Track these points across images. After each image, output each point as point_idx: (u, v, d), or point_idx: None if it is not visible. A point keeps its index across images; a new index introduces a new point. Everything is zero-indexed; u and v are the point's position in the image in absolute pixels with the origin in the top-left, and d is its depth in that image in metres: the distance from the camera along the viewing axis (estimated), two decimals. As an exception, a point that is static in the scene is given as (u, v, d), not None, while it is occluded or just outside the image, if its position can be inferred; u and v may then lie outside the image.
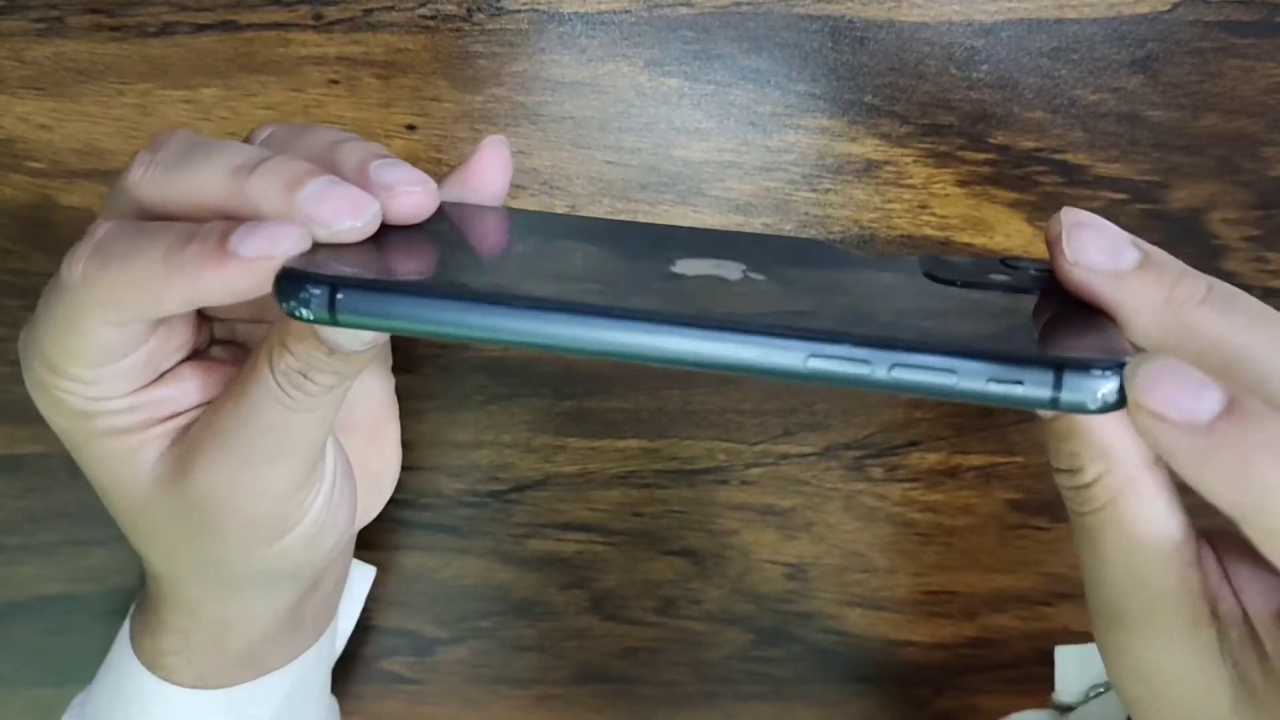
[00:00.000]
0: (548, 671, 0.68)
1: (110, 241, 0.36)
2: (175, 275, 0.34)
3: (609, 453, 0.62)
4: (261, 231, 0.34)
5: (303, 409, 0.38)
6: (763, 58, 0.53)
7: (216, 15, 0.52)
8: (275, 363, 0.37)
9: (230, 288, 0.34)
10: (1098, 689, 0.56)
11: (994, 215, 0.55)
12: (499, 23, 0.52)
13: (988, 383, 0.28)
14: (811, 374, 0.29)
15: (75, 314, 0.37)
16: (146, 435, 0.40)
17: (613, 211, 0.56)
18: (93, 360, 0.38)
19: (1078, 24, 0.52)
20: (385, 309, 0.32)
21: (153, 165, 0.37)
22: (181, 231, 0.35)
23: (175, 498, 0.40)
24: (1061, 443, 0.35)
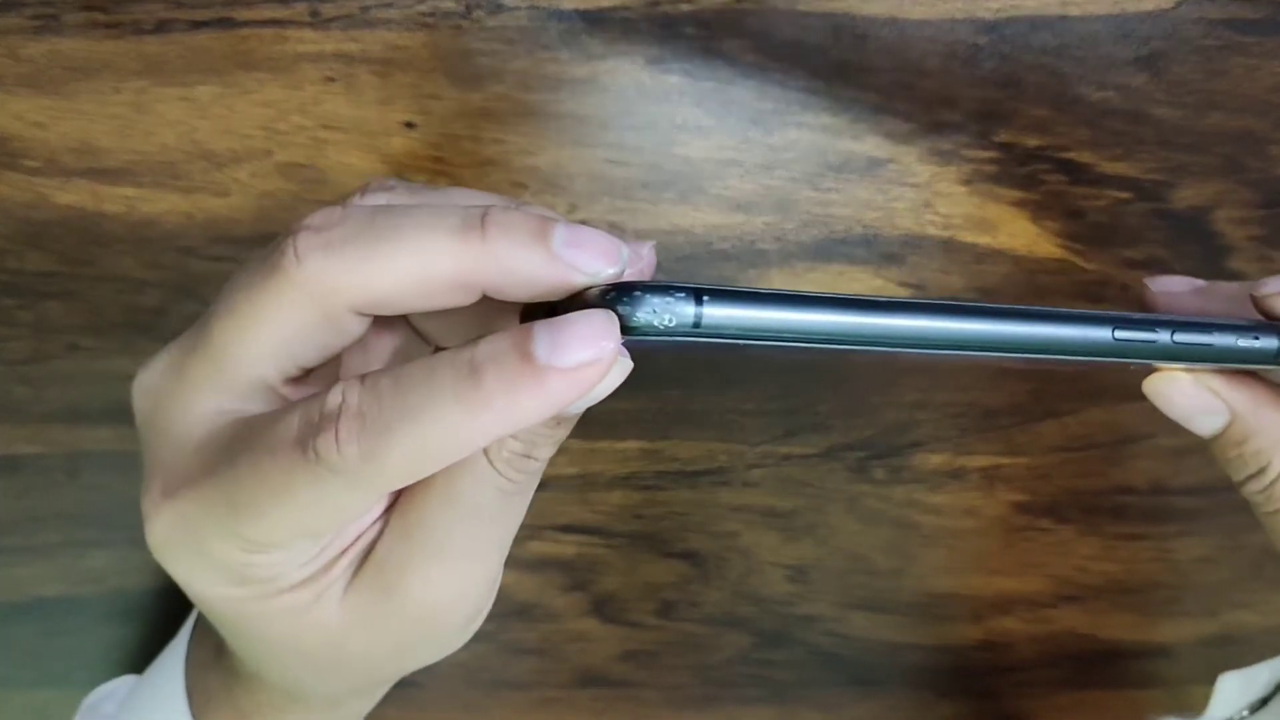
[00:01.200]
0: (548, 674, 0.68)
1: (374, 406, 0.31)
2: (481, 416, 0.30)
3: (609, 454, 0.62)
4: (574, 330, 0.30)
5: (521, 491, 0.36)
6: (764, 55, 0.53)
7: (213, 12, 0.52)
8: (495, 451, 0.34)
9: (553, 407, 0.30)
10: (1242, 711, 0.56)
11: (998, 214, 0.55)
12: (498, 20, 0.52)
13: (1238, 342, 0.37)
14: (1114, 348, 0.36)
15: (344, 496, 0.32)
16: (331, 575, 0.36)
17: (613, 210, 0.55)
18: (332, 530, 0.35)
19: (1082, 21, 0.52)
20: (755, 311, 0.32)
21: (335, 246, 0.32)
22: (459, 364, 0.31)
23: (383, 624, 0.37)
24: (1243, 446, 0.38)
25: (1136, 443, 0.62)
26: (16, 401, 0.60)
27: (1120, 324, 0.36)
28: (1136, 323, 0.36)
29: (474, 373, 0.30)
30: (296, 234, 0.32)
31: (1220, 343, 0.37)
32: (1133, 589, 0.66)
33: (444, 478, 0.34)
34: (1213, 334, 0.37)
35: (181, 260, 0.56)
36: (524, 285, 0.32)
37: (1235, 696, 0.56)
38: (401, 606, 0.36)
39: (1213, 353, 0.37)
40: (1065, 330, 0.36)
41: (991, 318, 0.35)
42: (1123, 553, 0.65)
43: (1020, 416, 0.61)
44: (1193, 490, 0.63)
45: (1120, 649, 0.68)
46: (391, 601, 0.36)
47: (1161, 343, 0.36)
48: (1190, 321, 0.37)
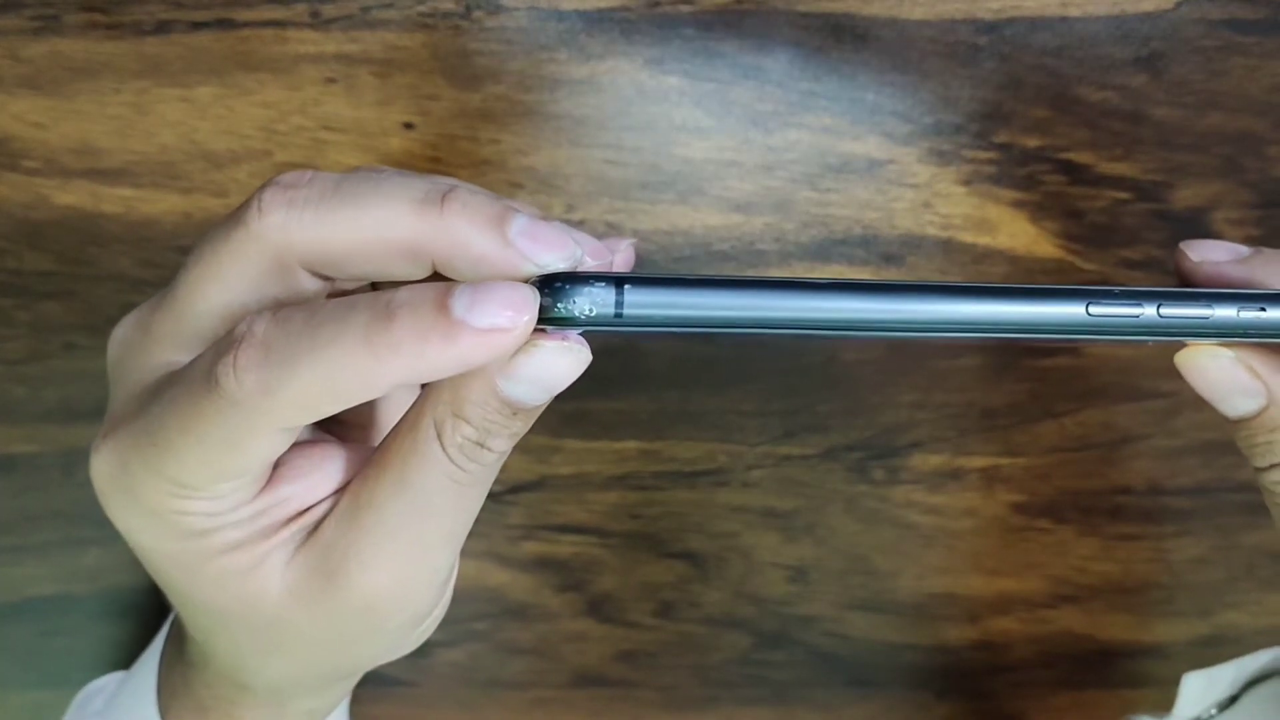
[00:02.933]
0: (544, 675, 0.68)
1: (281, 337, 0.31)
2: (386, 358, 0.30)
3: (606, 454, 0.62)
4: (494, 295, 0.30)
5: (475, 483, 0.35)
6: (764, 55, 0.53)
7: (213, 13, 0.52)
8: (449, 436, 0.33)
9: (461, 362, 0.30)
10: (1210, 710, 0.55)
11: (997, 214, 0.55)
12: (498, 20, 0.52)
13: (1239, 313, 0.34)
14: (1089, 325, 0.33)
15: (243, 428, 0.32)
16: (271, 543, 0.35)
17: (611, 210, 0.55)
18: (247, 472, 0.34)
19: (1081, 22, 0.52)
20: (679, 298, 0.31)
21: (298, 203, 0.33)
22: (376, 305, 0.31)
23: (324, 606, 0.36)
24: (1273, 434, 0.36)
25: (1134, 443, 0.62)
26: (13, 401, 0.60)
27: (1097, 298, 0.33)
28: (1116, 296, 0.33)
29: (388, 315, 0.30)
30: (264, 190, 0.33)
31: (1220, 316, 0.34)
32: (1129, 589, 0.66)
33: (396, 461, 0.34)
34: (1210, 305, 0.34)
35: (180, 260, 0.56)
36: (473, 264, 0.32)
37: (1199, 695, 0.56)
38: (343, 590, 0.36)
39: (1210, 327, 0.34)
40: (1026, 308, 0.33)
41: (939, 296, 0.33)
42: (1120, 553, 0.65)
43: (1018, 417, 0.61)
44: (1189, 491, 0.63)
45: (1117, 649, 0.68)
46: (333, 584, 0.36)
47: (1146, 318, 0.33)
48: (1180, 292, 0.34)
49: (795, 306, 0.32)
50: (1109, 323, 0.33)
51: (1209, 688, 0.56)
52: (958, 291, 0.33)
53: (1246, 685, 0.55)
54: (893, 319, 0.32)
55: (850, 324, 0.32)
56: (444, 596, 0.39)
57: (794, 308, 0.32)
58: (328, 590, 0.36)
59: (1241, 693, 0.55)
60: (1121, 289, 0.33)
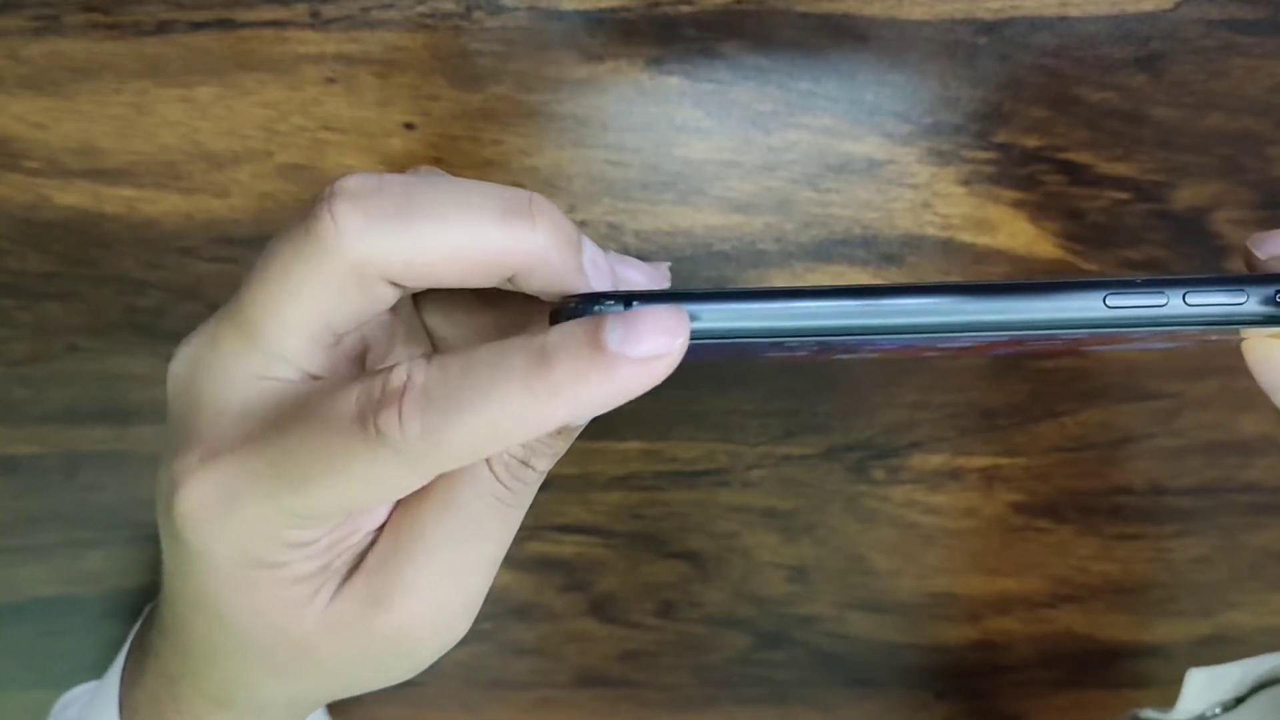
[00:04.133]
0: (547, 674, 0.68)
1: (440, 385, 0.31)
2: (548, 402, 0.30)
3: (609, 454, 0.62)
4: (647, 323, 0.30)
5: (518, 503, 0.35)
6: (764, 56, 0.53)
7: (213, 13, 0.52)
8: (496, 456, 0.34)
9: (622, 395, 0.30)
10: (1214, 709, 0.55)
11: (997, 214, 0.55)
12: (498, 20, 0.52)
13: (1277, 296, 0.31)
14: (1108, 319, 0.31)
15: (402, 474, 0.31)
16: (326, 576, 0.35)
17: (612, 211, 0.55)
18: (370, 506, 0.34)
19: (1081, 22, 0.52)
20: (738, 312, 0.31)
21: (375, 216, 0.32)
22: (530, 349, 0.30)
23: (358, 635, 0.35)
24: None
25: (1134, 443, 0.62)
26: (15, 402, 0.60)
27: (1115, 289, 0.31)
28: (1137, 285, 0.31)
29: (545, 359, 0.30)
30: (333, 200, 0.32)
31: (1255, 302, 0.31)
32: (1129, 589, 0.66)
33: (441, 484, 0.34)
34: (1243, 290, 0.31)
35: (181, 261, 0.56)
36: (551, 281, 0.32)
37: (1203, 693, 0.56)
38: (383, 617, 0.35)
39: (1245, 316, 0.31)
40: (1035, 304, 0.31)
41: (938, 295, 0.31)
42: (1120, 553, 0.65)
43: (1019, 417, 0.61)
44: (1190, 491, 0.63)
45: (1117, 649, 0.68)
46: (374, 611, 0.35)
47: (1172, 309, 0.31)
48: (1208, 278, 0.31)
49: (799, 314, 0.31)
50: (1130, 316, 0.31)
51: (1213, 686, 0.55)
52: (959, 290, 0.31)
53: (1254, 689, 0.55)
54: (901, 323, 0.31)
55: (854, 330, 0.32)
56: (474, 617, 0.38)
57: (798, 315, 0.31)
58: (368, 618, 0.35)
59: (1248, 695, 0.54)
60: (1144, 278, 0.31)
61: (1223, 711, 0.55)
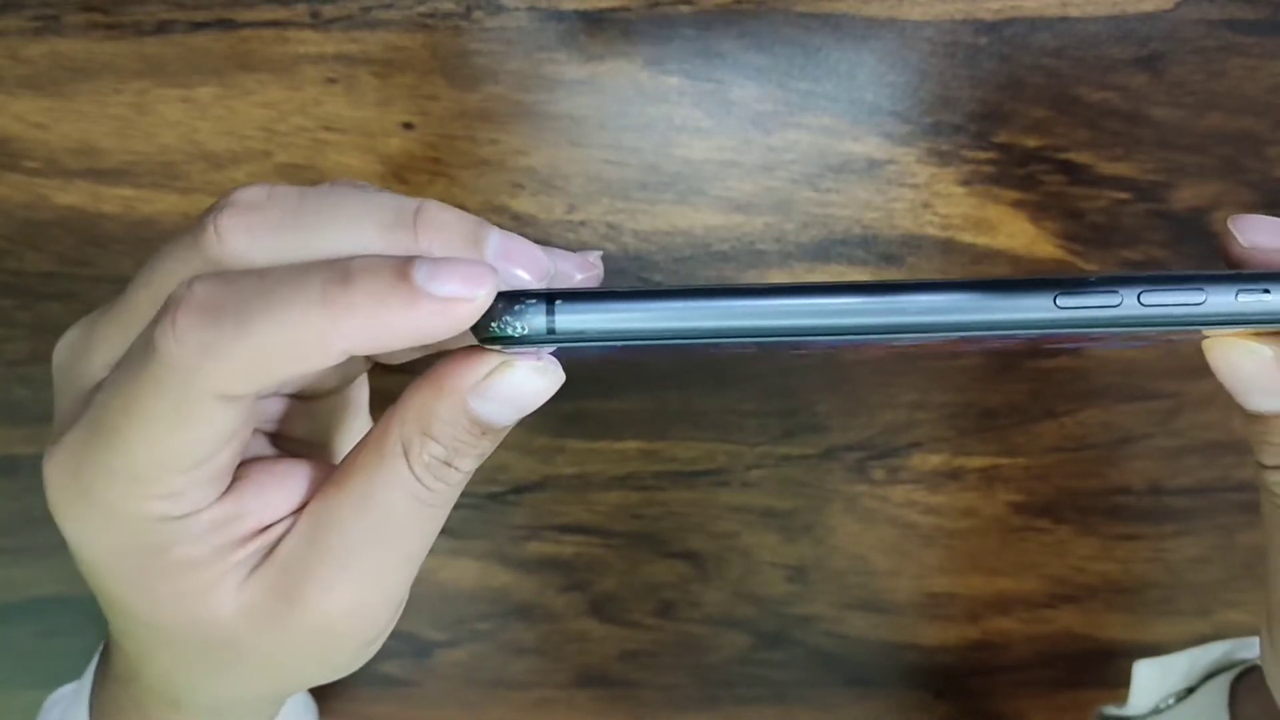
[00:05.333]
0: (547, 674, 0.68)
1: (222, 296, 0.30)
2: (343, 320, 0.29)
3: (608, 454, 0.62)
4: (455, 268, 0.29)
5: (439, 503, 0.34)
6: (764, 56, 0.53)
7: (213, 13, 0.52)
8: (416, 454, 0.32)
9: (417, 330, 0.29)
10: (1168, 700, 0.55)
11: (997, 214, 0.55)
12: (498, 20, 0.52)
13: (1237, 296, 0.30)
14: (1059, 320, 0.30)
15: (186, 397, 0.30)
16: (229, 562, 0.34)
17: (611, 211, 0.55)
18: (198, 455, 0.32)
19: (1081, 22, 0.52)
20: (614, 313, 0.30)
21: (258, 229, 0.31)
22: (333, 268, 0.29)
23: (278, 627, 0.34)
24: None
25: (1133, 443, 0.62)
26: (15, 402, 0.60)
27: (1067, 288, 0.29)
28: (1090, 284, 0.29)
29: (346, 277, 0.29)
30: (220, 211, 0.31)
31: (1216, 302, 0.30)
32: (1128, 589, 0.66)
33: (360, 480, 0.33)
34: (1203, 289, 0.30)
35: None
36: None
37: (1154, 684, 0.56)
38: (300, 612, 0.34)
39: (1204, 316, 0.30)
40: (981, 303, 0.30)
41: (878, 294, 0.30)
42: (1119, 553, 0.65)
43: (1018, 417, 0.61)
44: (1188, 491, 0.63)
45: (1116, 649, 0.68)
46: (289, 605, 0.34)
47: (1126, 309, 0.29)
48: (1165, 275, 0.30)
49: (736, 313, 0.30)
50: (1083, 316, 0.30)
51: (1163, 677, 0.55)
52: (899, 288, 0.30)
53: (1204, 678, 0.55)
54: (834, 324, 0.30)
55: (792, 330, 0.30)
56: (397, 616, 0.38)
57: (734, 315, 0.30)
58: (284, 612, 0.34)
59: (1199, 684, 0.55)
60: (1096, 275, 0.30)
61: (1176, 702, 0.55)
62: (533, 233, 0.55)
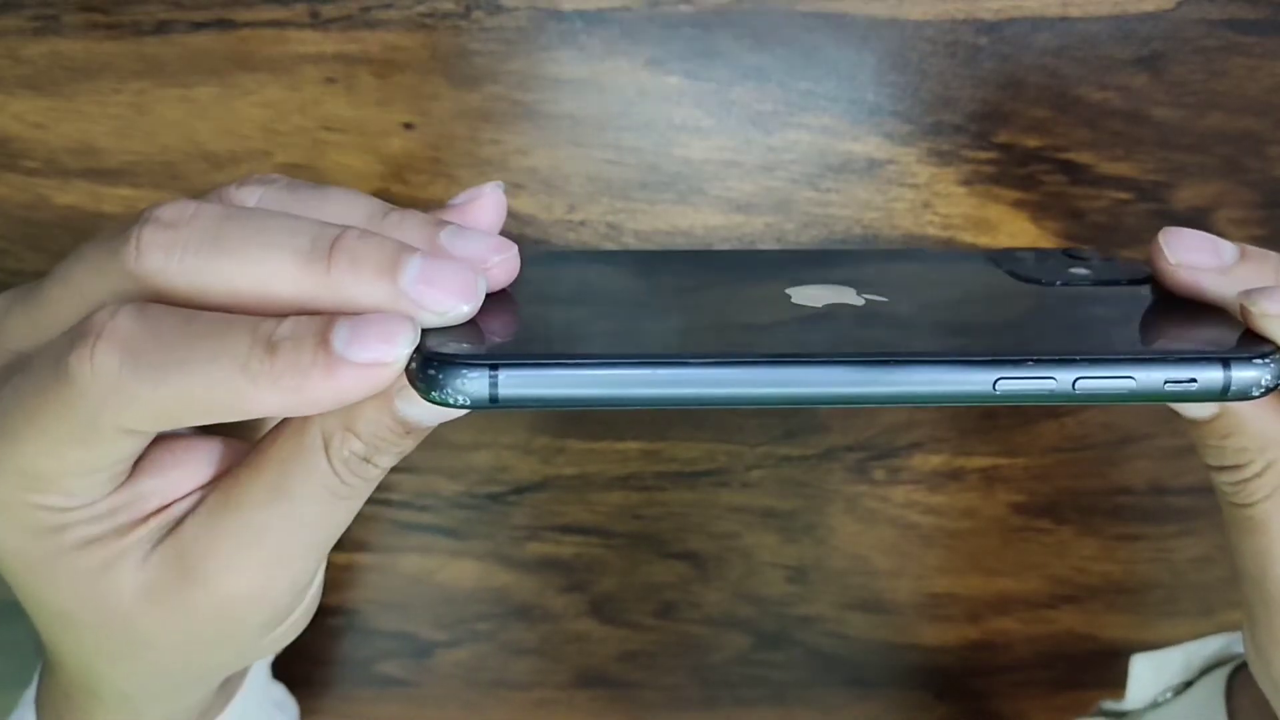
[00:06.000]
0: (547, 675, 0.68)
1: (144, 338, 0.30)
2: (264, 389, 0.29)
3: (608, 455, 0.61)
4: (371, 329, 0.29)
5: (353, 496, 0.34)
6: (764, 55, 0.53)
7: (212, 13, 0.52)
8: (336, 449, 0.32)
9: (340, 398, 0.29)
10: (1165, 694, 0.55)
11: (998, 214, 0.55)
12: (497, 20, 0.52)
13: (1164, 385, 0.31)
14: (997, 398, 0.31)
15: (92, 425, 0.30)
16: (128, 540, 0.33)
17: (611, 210, 0.55)
18: (98, 470, 0.32)
19: (1082, 22, 0.52)
20: (557, 381, 0.30)
21: (177, 247, 0.31)
22: (258, 333, 0.29)
23: (177, 606, 0.34)
24: (1225, 440, 0.35)
25: (1134, 443, 0.62)
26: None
27: (1007, 369, 0.30)
28: (1029, 365, 0.30)
29: (270, 348, 0.29)
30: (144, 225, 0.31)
31: (1144, 387, 0.31)
32: (1130, 589, 0.66)
33: (273, 467, 0.33)
34: (1130, 374, 0.31)
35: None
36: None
37: (1151, 678, 0.56)
38: (200, 591, 0.34)
39: (1134, 396, 0.31)
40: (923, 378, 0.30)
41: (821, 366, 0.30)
42: (1120, 553, 0.65)
43: (1019, 417, 0.61)
44: (1190, 490, 0.63)
45: (1118, 649, 0.67)
46: (189, 583, 0.34)
47: (1061, 391, 0.31)
48: (1100, 359, 0.31)
49: (677, 381, 0.30)
50: (1021, 393, 0.31)
51: (1160, 671, 0.56)
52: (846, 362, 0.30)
53: (1201, 672, 0.55)
54: (777, 394, 0.30)
55: (735, 399, 0.30)
56: (304, 603, 0.37)
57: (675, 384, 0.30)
58: (183, 590, 0.34)
59: (1197, 678, 0.55)
60: (1035, 357, 0.31)
61: (1173, 696, 0.55)
62: (533, 232, 0.55)
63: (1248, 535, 0.37)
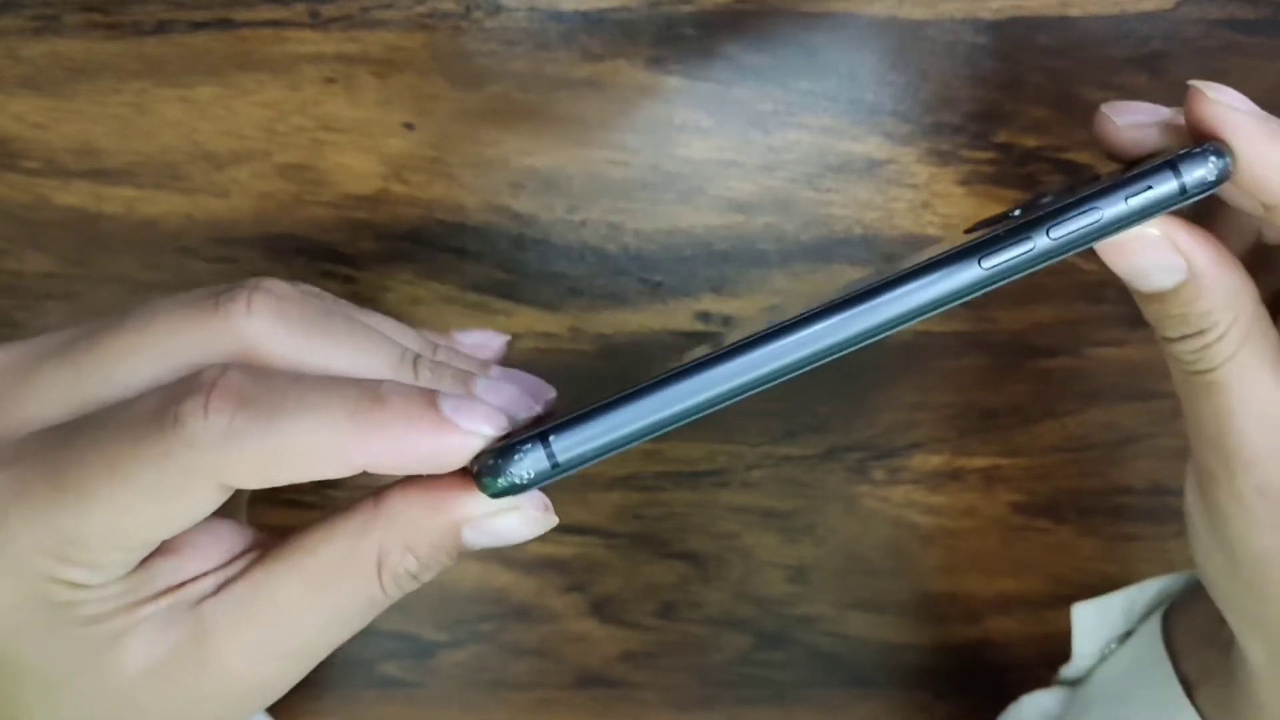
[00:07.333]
0: (547, 675, 0.68)
1: (257, 390, 0.30)
2: (371, 436, 0.30)
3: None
4: (475, 405, 0.31)
5: (388, 604, 0.34)
6: (764, 55, 0.53)
7: (213, 13, 0.52)
8: (390, 564, 0.33)
9: (435, 458, 0.31)
10: (1110, 645, 0.55)
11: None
12: (498, 20, 0.52)
13: (1126, 200, 0.33)
14: (989, 277, 0.33)
15: (190, 477, 0.30)
16: (137, 617, 0.33)
17: (612, 211, 0.55)
18: (158, 535, 0.32)
19: (1081, 21, 0.52)
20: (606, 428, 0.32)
21: (289, 319, 0.32)
22: (364, 385, 0.31)
23: (187, 688, 0.33)
24: (1190, 305, 0.36)
25: (1135, 443, 0.62)
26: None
27: (985, 250, 0.32)
28: (1003, 239, 0.32)
29: (378, 397, 0.30)
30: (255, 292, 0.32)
31: (1111, 213, 0.33)
32: (1131, 589, 0.66)
33: (319, 572, 0.33)
34: (1094, 205, 0.33)
35: (181, 261, 0.56)
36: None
37: (1092, 627, 0.55)
38: (215, 677, 0.33)
39: (1108, 224, 0.33)
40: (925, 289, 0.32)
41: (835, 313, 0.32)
42: (1121, 553, 0.65)
43: (1019, 417, 0.61)
44: (1191, 490, 0.63)
45: (1118, 649, 0.68)
46: (204, 667, 0.33)
47: (1042, 247, 0.33)
48: (1062, 206, 0.33)
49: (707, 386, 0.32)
50: (1008, 267, 0.33)
51: (1102, 619, 0.55)
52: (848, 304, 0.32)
53: (1143, 617, 0.55)
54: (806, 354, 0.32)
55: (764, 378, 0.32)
56: None
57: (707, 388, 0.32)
58: (195, 672, 0.33)
59: (1139, 625, 0.54)
60: (1005, 228, 0.33)
61: (1118, 646, 0.55)
62: (533, 232, 0.55)
63: (1206, 398, 0.37)
